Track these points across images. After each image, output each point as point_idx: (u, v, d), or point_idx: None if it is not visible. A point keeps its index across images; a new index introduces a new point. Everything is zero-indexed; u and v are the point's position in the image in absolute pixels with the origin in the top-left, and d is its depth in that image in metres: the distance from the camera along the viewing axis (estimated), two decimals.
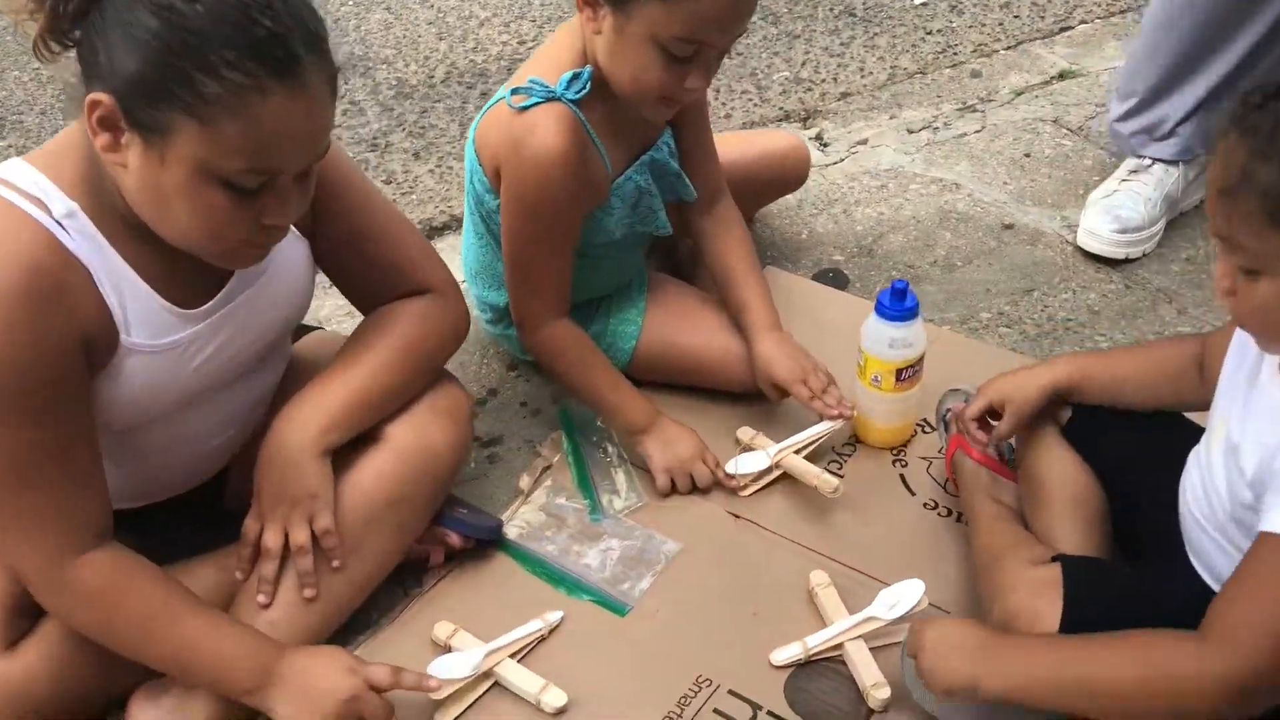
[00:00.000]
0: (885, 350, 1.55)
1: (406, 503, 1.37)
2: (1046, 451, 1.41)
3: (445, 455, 1.40)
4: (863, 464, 1.64)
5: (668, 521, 1.56)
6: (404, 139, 2.48)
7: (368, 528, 1.35)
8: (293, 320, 1.36)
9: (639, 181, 1.58)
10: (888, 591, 1.39)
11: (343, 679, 1.24)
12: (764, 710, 1.33)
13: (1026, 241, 2.08)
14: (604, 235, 1.60)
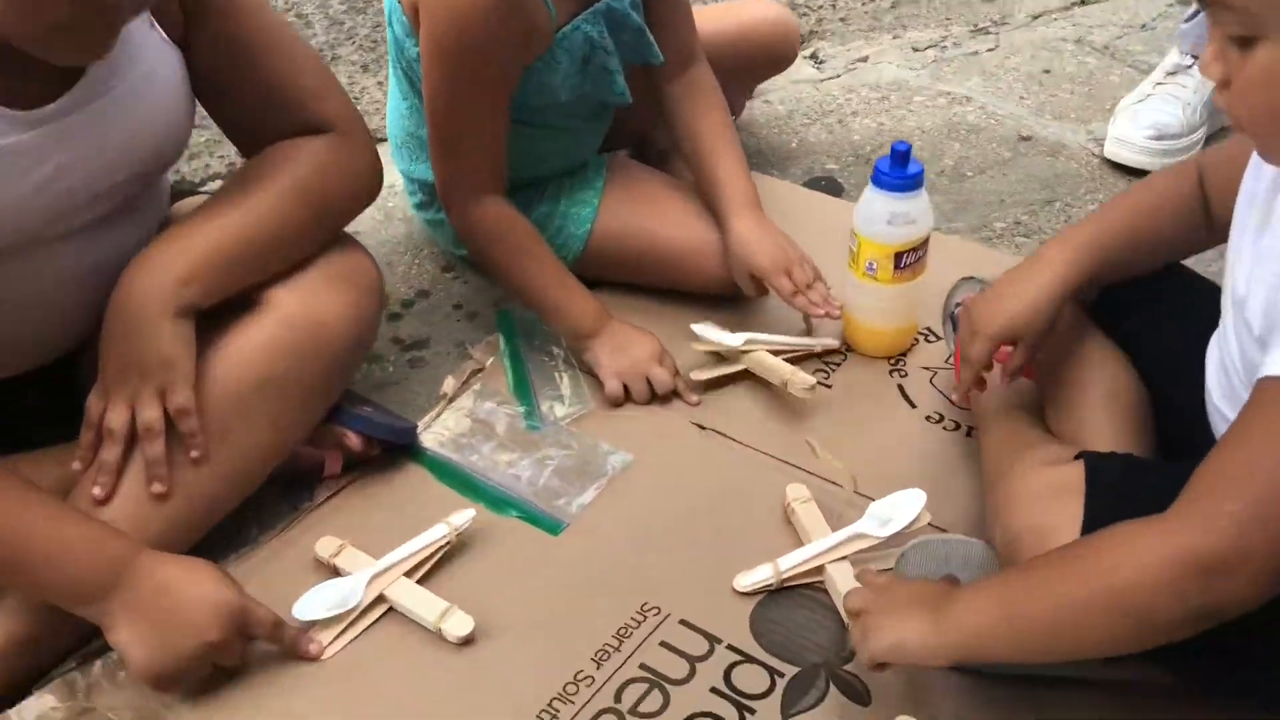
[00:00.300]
0: (883, 229, 1.29)
1: (289, 385, 1.11)
2: (1073, 340, 1.15)
3: (341, 330, 1.13)
4: (853, 373, 1.37)
5: (618, 431, 1.29)
6: (353, 52, 2.23)
7: (238, 412, 1.08)
8: (164, 152, 1.10)
9: (590, 33, 1.33)
10: (880, 504, 1.12)
11: (217, 590, 0.99)
12: (723, 644, 1.05)
13: (1046, 153, 1.83)
14: (548, 97, 1.34)
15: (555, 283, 1.35)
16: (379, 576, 1.08)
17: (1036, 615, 0.85)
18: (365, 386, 1.36)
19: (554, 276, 1.35)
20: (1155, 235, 1.11)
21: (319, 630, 1.06)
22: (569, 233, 1.44)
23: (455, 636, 1.04)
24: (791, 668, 1.03)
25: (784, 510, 1.18)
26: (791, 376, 1.31)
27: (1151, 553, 0.79)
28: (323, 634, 1.06)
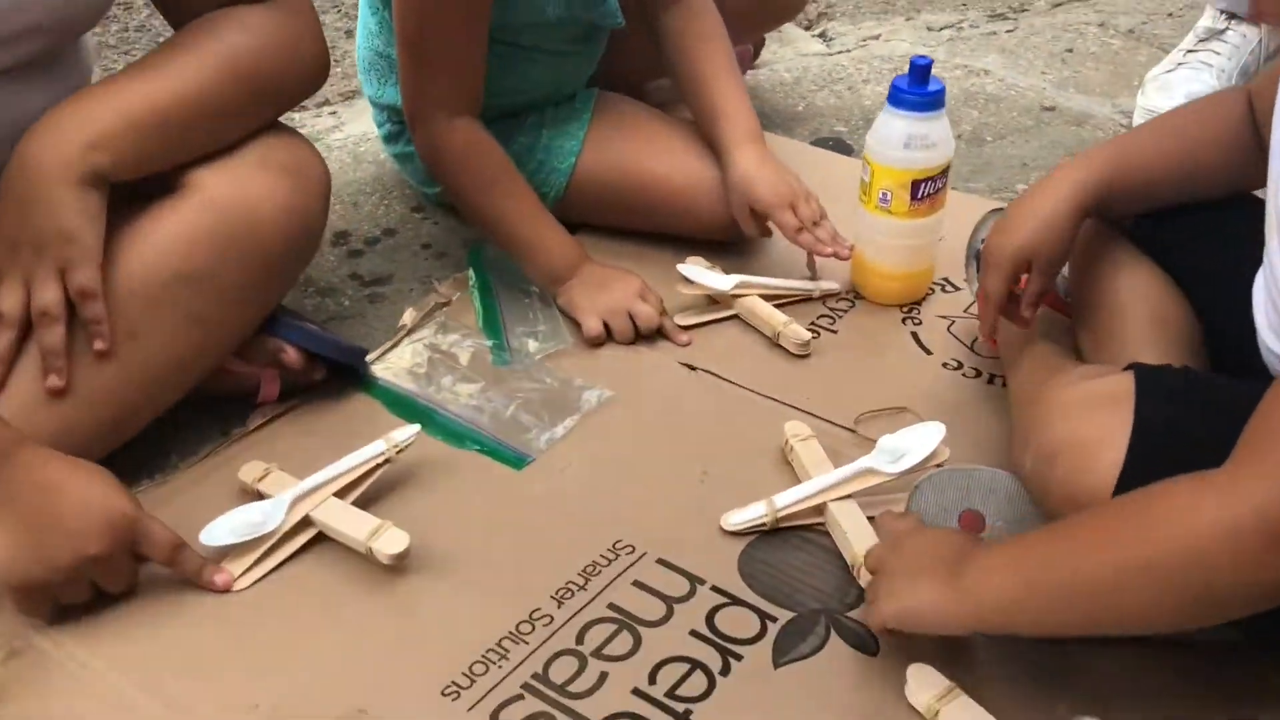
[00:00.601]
0: (899, 153, 1.15)
1: (212, 279, 0.96)
2: (1110, 265, 1.01)
3: (275, 220, 0.98)
4: (862, 319, 1.23)
5: (598, 369, 1.15)
6: (337, 19, 2.13)
7: (152, 306, 0.94)
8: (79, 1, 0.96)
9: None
10: (892, 437, 0.97)
11: (106, 496, 0.84)
12: (707, 585, 0.90)
13: (1071, 122, 1.70)
14: (533, 14, 1.22)
15: (530, 218, 1.21)
16: (304, 498, 0.93)
17: (1069, 585, 0.71)
18: (317, 319, 1.22)
19: (529, 211, 1.21)
20: (1190, 157, 0.98)
21: (232, 559, 0.91)
22: (551, 167, 1.31)
23: (387, 555, 0.88)
24: (786, 613, 0.87)
25: (781, 450, 1.03)
26: (784, 329, 1.17)
27: (1211, 515, 0.64)
28: (235, 564, 0.90)
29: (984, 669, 0.82)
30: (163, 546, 0.87)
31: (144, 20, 2.08)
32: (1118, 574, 0.68)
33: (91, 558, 0.83)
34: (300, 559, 0.92)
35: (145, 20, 2.07)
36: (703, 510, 0.97)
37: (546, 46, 1.29)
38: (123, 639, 0.85)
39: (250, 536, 0.90)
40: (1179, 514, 0.66)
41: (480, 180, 1.21)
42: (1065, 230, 0.96)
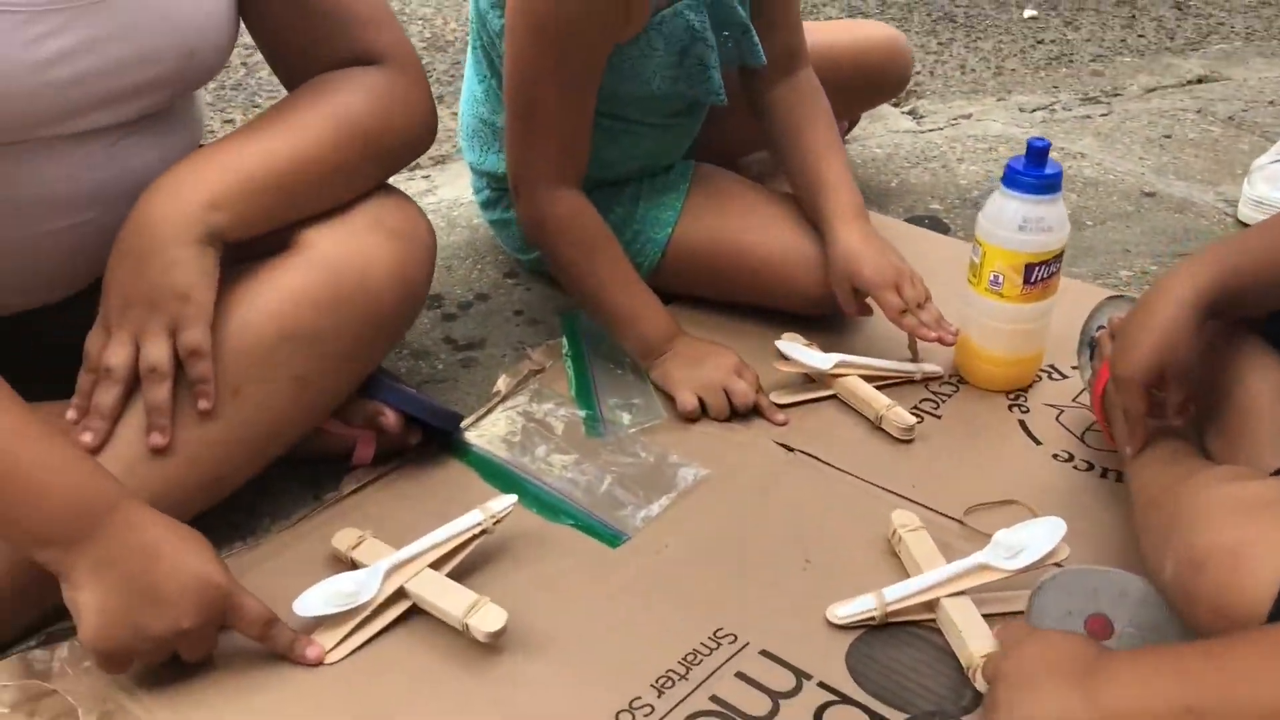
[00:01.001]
0: (1013, 235, 1.13)
1: (319, 340, 0.95)
2: (1239, 361, 0.96)
3: (384, 283, 0.98)
4: (967, 405, 1.19)
5: (692, 446, 1.12)
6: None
7: (258, 366, 0.93)
8: (199, 56, 0.95)
9: (692, 21, 1.19)
10: (1009, 532, 0.93)
11: (204, 567, 0.82)
12: (813, 681, 0.86)
13: (1174, 209, 1.66)
14: (640, 86, 1.21)
15: (627, 289, 1.20)
16: (399, 568, 0.90)
17: (1249, 713, 0.64)
18: (411, 382, 1.21)
19: (626, 282, 1.20)
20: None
21: (323, 630, 0.88)
22: (646, 238, 1.30)
23: (484, 633, 0.85)
24: (898, 714, 0.83)
25: (888, 539, 0.99)
26: (887, 412, 1.14)
27: None
28: (327, 635, 0.88)
29: None
30: (255, 622, 0.85)
31: (240, 79, 2.12)
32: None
33: (182, 631, 0.81)
34: (392, 631, 0.90)
35: (241, 80, 2.11)
36: (806, 600, 0.93)
37: (648, 120, 1.28)
38: (212, 710, 0.82)
39: (344, 607, 0.88)
40: None
41: (580, 250, 1.20)
42: (1187, 337, 0.91)
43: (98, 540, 0.79)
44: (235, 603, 0.84)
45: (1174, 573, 0.78)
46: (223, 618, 0.83)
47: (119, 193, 0.95)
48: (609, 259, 1.20)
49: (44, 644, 0.86)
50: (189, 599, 0.81)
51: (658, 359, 1.19)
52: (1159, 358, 0.92)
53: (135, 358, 0.89)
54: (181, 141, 1.01)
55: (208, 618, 0.82)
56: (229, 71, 2.14)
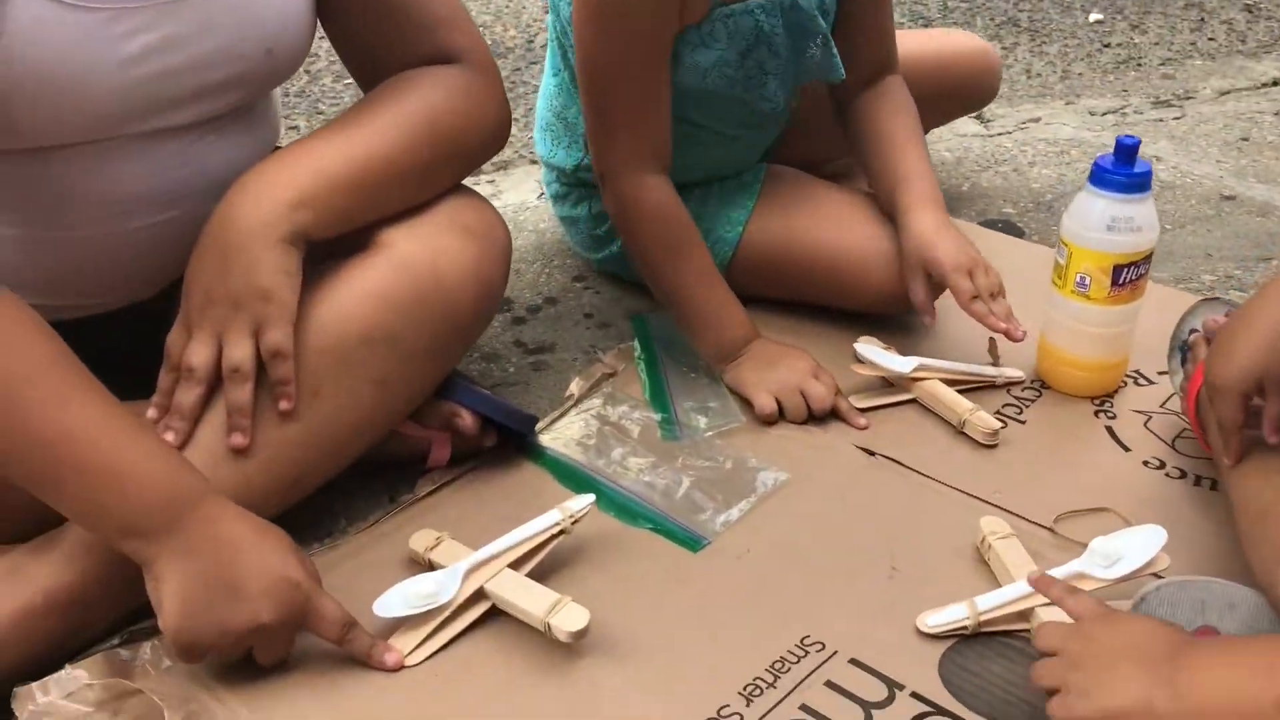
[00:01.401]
0: (1101, 235, 1.09)
1: (398, 340, 0.94)
2: None
3: (463, 283, 0.97)
4: (1050, 411, 1.16)
5: (771, 449, 1.10)
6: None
7: (337, 366, 0.92)
8: (277, 53, 0.95)
9: (761, 23, 1.17)
10: (1106, 540, 0.90)
11: (286, 565, 0.82)
12: (906, 691, 0.83)
13: (1255, 213, 1.62)
14: (696, 79, 1.18)
15: (707, 289, 1.18)
16: (478, 569, 0.89)
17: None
18: (482, 385, 1.20)
19: (708, 280, 1.18)
20: None
21: (403, 633, 0.87)
22: (718, 236, 1.28)
23: (566, 632, 0.84)
24: None
25: (976, 547, 0.97)
26: (971, 416, 1.11)
27: None
28: (407, 637, 0.87)
29: None
30: (334, 624, 0.84)
31: (303, 87, 2.13)
32: None
33: (262, 626, 0.80)
34: (472, 634, 0.88)
35: (305, 87, 2.13)
36: (894, 608, 0.91)
37: (717, 128, 1.26)
38: (294, 708, 0.81)
39: (424, 608, 0.87)
40: None
41: (663, 242, 1.18)
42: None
43: (182, 531, 0.79)
44: (315, 605, 0.83)
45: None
46: (302, 618, 0.83)
47: (198, 191, 0.94)
48: (692, 254, 1.18)
49: (126, 643, 0.86)
50: (270, 595, 0.80)
51: (733, 363, 1.17)
52: (1259, 365, 0.87)
53: (217, 357, 0.89)
54: (259, 141, 1.01)
55: (287, 616, 0.81)
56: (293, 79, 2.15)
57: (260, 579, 0.80)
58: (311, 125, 1.96)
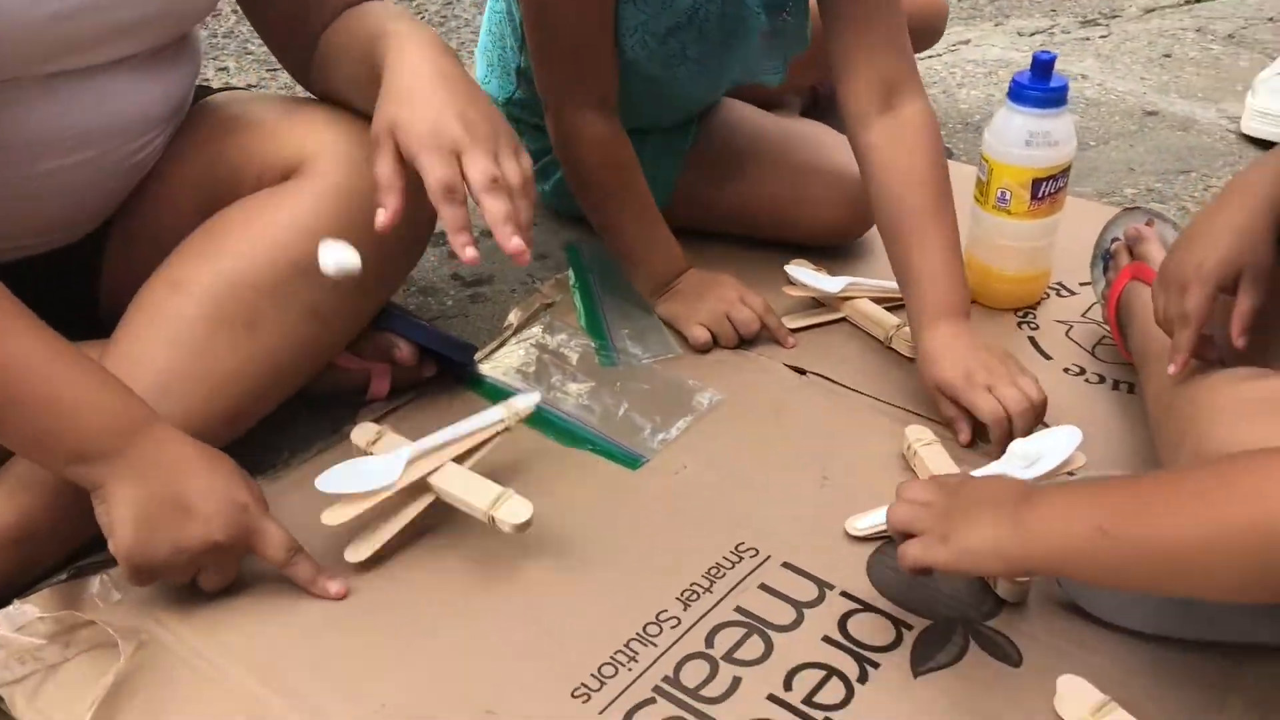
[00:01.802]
0: (1020, 151, 1.13)
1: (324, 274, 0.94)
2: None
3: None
4: (975, 323, 1.15)
5: (706, 374, 1.13)
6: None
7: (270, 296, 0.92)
8: None
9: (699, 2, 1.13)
10: (1024, 442, 0.94)
11: (235, 487, 0.83)
12: (836, 590, 0.87)
13: (1176, 128, 1.66)
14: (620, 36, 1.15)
15: (644, 220, 1.19)
16: (421, 459, 0.91)
17: (1146, 540, 0.67)
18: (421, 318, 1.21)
19: (644, 214, 1.19)
20: None
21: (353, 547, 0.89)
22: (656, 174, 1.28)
23: (510, 524, 0.86)
24: (921, 620, 0.84)
25: (902, 455, 1.00)
26: (897, 332, 1.14)
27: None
28: (353, 549, 0.89)
29: (1138, 681, 0.79)
30: (279, 547, 0.85)
31: (231, 27, 2.10)
32: (1204, 538, 0.64)
33: (214, 545, 0.82)
34: (416, 559, 0.91)
35: (233, 27, 2.10)
36: (825, 515, 0.94)
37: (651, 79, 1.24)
38: (245, 636, 0.83)
39: (366, 488, 0.89)
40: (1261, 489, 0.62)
41: (602, 178, 1.18)
42: (1269, 240, 0.87)
43: (131, 455, 0.80)
44: (261, 527, 0.84)
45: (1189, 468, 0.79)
46: (247, 541, 0.84)
47: (112, 133, 0.94)
48: (631, 190, 1.18)
49: (74, 577, 0.87)
50: (220, 515, 0.82)
51: (664, 296, 1.19)
52: (1238, 255, 0.86)
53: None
54: (176, 81, 1.00)
55: (236, 536, 0.83)
56: (220, 19, 2.12)
57: (210, 499, 0.82)
58: (240, 66, 1.94)
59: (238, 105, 1.05)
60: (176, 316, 0.91)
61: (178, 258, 0.94)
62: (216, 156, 1.00)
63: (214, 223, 0.95)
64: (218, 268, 0.92)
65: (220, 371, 0.92)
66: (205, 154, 1.00)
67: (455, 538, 0.92)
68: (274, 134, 0.99)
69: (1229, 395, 0.80)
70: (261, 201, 0.95)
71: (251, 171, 0.98)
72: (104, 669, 0.79)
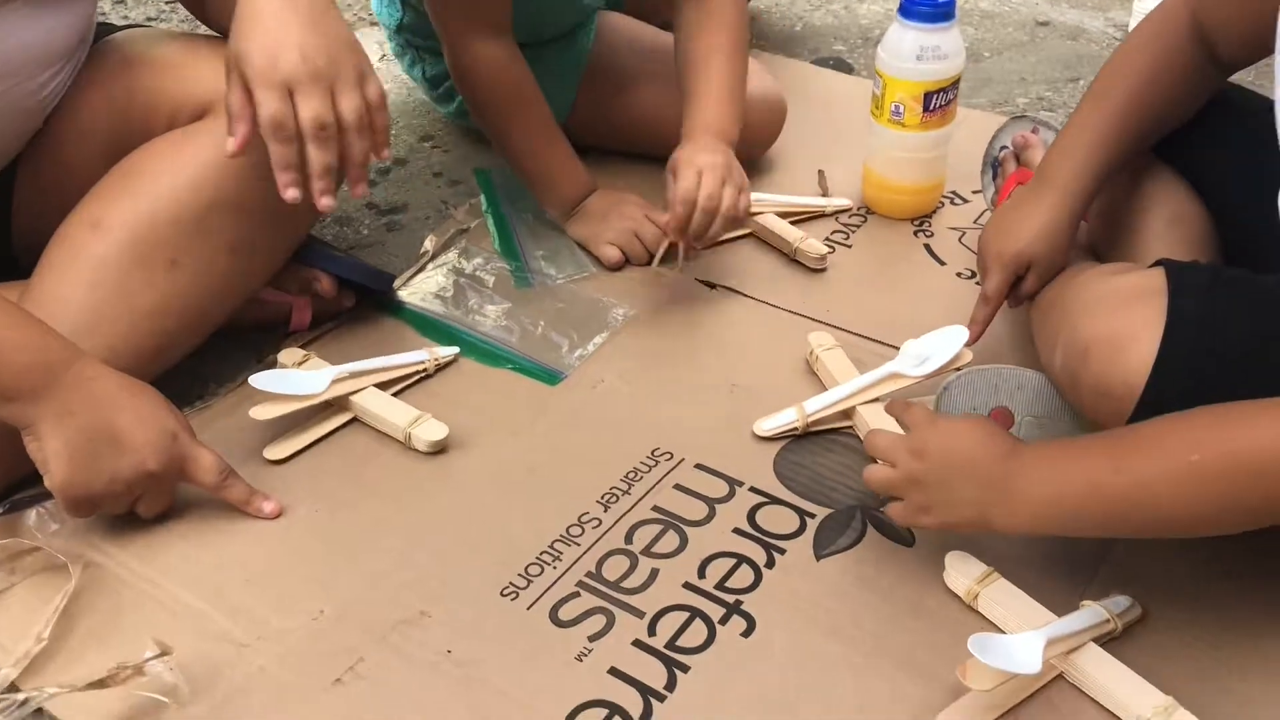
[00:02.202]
0: (911, 65, 1.17)
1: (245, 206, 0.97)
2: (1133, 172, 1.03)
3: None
4: (875, 233, 1.26)
5: (619, 291, 1.17)
6: None
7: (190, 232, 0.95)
8: None
9: None
10: (916, 342, 1.01)
11: (163, 417, 0.86)
12: (745, 486, 0.93)
13: (1067, 37, 1.72)
14: None
15: (547, 146, 1.21)
16: (345, 380, 0.96)
17: (1135, 491, 0.73)
18: (338, 248, 1.23)
19: (547, 139, 1.22)
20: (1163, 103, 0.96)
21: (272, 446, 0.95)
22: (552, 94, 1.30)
23: (426, 442, 0.92)
24: (822, 509, 0.91)
25: (806, 360, 1.06)
26: (801, 244, 1.20)
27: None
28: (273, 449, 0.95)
29: (1019, 552, 0.86)
30: (211, 471, 0.89)
31: None
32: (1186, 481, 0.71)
33: (149, 473, 0.85)
34: (345, 478, 0.94)
35: None
36: (735, 419, 1.00)
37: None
38: (184, 558, 0.87)
39: (294, 391, 0.95)
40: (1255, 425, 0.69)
41: (501, 103, 1.20)
42: (1066, 239, 0.96)
43: (60, 391, 0.82)
44: (192, 453, 0.88)
45: (1062, 362, 0.86)
46: (180, 468, 0.87)
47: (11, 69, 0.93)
48: (531, 114, 1.21)
49: (8, 511, 0.90)
50: (152, 442, 0.85)
51: (573, 217, 1.23)
52: (1032, 250, 0.95)
53: None
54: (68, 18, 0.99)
55: (169, 464, 0.86)
56: None
57: (141, 429, 0.85)
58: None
59: (144, 43, 1.05)
60: (97, 256, 0.93)
61: (95, 197, 0.95)
62: (126, 96, 1.01)
63: (131, 162, 0.96)
64: (137, 206, 0.94)
65: (143, 308, 0.94)
66: (113, 93, 1.01)
67: (383, 459, 0.96)
68: (186, 74, 1.00)
69: (1096, 290, 0.87)
70: (178, 140, 0.96)
71: (164, 111, 0.99)
72: (50, 594, 0.82)
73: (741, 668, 0.79)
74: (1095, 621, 0.79)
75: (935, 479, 0.80)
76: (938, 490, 0.80)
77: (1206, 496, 0.72)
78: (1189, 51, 0.95)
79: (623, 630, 0.81)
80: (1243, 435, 0.70)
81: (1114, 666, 0.77)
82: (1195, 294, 0.81)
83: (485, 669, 0.79)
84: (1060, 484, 0.76)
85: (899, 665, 0.79)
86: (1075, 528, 0.79)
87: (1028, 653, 0.74)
